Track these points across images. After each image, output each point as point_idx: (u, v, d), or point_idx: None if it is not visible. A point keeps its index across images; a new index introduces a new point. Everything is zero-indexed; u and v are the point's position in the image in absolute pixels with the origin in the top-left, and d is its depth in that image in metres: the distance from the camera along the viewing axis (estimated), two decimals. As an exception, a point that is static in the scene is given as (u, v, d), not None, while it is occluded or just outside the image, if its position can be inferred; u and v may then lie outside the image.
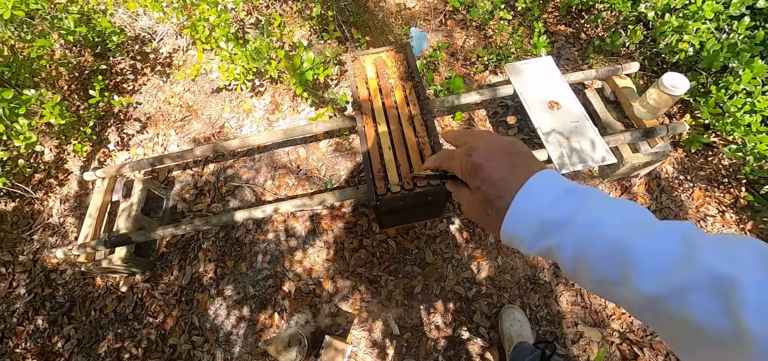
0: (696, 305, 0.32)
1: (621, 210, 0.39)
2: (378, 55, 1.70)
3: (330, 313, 1.74)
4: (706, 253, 0.33)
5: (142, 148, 2.25)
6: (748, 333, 0.29)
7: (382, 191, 1.38)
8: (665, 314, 0.34)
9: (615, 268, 0.37)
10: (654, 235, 0.36)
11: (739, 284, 0.30)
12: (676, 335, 0.35)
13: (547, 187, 0.42)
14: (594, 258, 0.38)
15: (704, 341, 0.32)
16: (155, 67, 2.49)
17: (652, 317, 0.36)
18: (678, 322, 0.34)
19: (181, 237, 1.98)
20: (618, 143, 1.72)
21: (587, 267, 0.38)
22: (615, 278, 0.37)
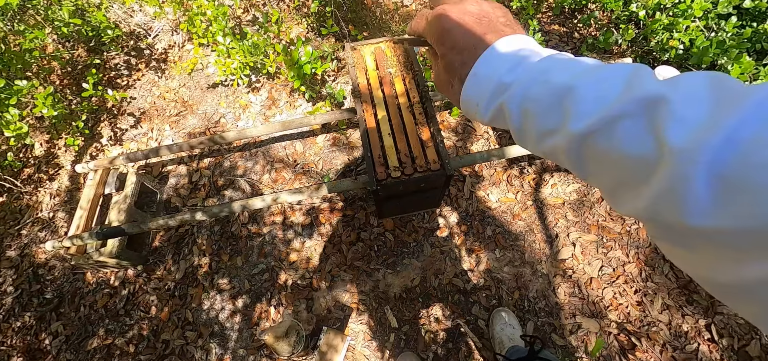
0: (622, 130, 0.30)
1: (577, 62, 0.36)
2: (377, 46, 1.70)
3: (327, 306, 1.71)
4: (646, 82, 0.30)
5: (136, 143, 2.21)
6: (667, 148, 0.26)
7: (383, 177, 1.37)
8: (593, 152, 0.32)
9: (556, 114, 0.34)
10: (600, 76, 0.33)
11: (669, 100, 0.28)
12: (604, 179, 0.33)
13: (511, 50, 0.39)
14: (539, 108, 0.36)
15: (627, 177, 0.30)
16: (150, 63, 2.47)
17: (583, 162, 0.34)
18: (603, 160, 0.32)
19: (175, 231, 1.94)
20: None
21: (532, 119, 0.36)
22: (554, 126, 0.35)
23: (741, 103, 0.25)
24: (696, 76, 0.29)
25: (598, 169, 0.33)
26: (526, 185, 1.91)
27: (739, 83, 0.28)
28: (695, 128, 0.26)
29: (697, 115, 0.26)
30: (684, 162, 0.25)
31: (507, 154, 1.68)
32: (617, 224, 1.79)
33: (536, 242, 1.79)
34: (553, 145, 0.35)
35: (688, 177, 0.25)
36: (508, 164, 1.96)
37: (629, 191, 0.30)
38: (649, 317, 1.62)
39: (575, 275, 1.71)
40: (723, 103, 0.26)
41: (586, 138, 0.32)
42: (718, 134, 0.24)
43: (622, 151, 0.30)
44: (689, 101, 0.27)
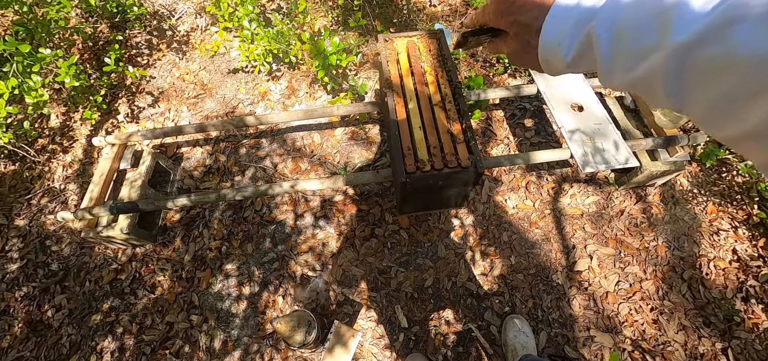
0: (741, 33, 0.26)
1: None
2: (411, 39, 1.67)
3: (336, 300, 1.67)
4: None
5: (152, 122, 2.18)
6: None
7: (412, 169, 1.33)
8: (699, 63, 0.29)
9: (654, 30, 0.33)
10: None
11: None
12: (706, 92, 0.30)
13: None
14: (633, 26, 0.34)
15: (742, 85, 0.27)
16: (171, 45, 2.44)
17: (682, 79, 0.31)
18: (713, 68, 0.29)
19: (186, 213, 1.90)
20: (638, 149, 1.70)
21: (626, 40, 0.35)
22: (652, 43, 0.33)
23: None
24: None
25: (701, 85, 0.30)
26: (545, 194, 1.86)
27: None
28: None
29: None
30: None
31: (532, 159, 1.64)
32: (636, 239, 1.74)
33: (553, 251, 1.74)
34: (649, 68, 0.33)
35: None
36: (527, 170, 1.92)
37: (741, 105, 0.28)
38: (664, 337, 1.57)
39: (591, 287, 1.66)
40: None
41: (691, 49, 0.30)
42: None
43: (739, 55, 0.27)
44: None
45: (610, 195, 1.86)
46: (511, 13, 0.46)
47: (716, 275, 1.65)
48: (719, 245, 1.72)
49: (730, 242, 1.72)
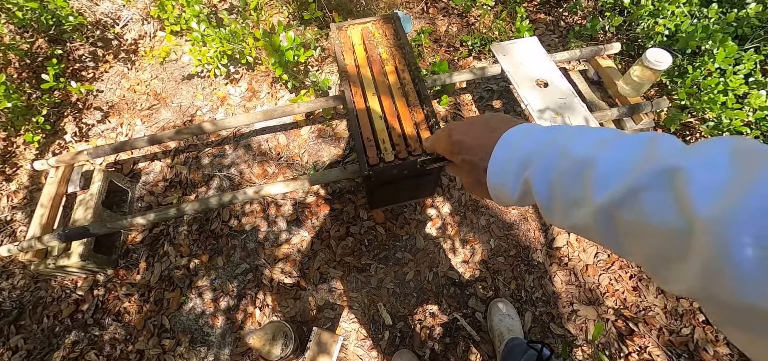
0: (647, 202, 0.29)
1: (594, 132, 0.37)
2: (365, 26, 1.57)
3: (316, 305, 1.57)
4: (663, 151, 0.30)
5: (104, 139, 2.01)
6: (697, 218, 0.25)
7: (375, 161, 1.24)
8: (624, 226, 0.31)
9: (578, 185, 0.34)
10: (619, 145, 0.33)
11: (687, 171, 0.27)
12: (640, 250, 0.31)
13: (525, 133, 0.42)
14: (563, 180, 0.36)
15: (664, 251, 0.28)
16: (119, 55, 2.25)
17: (615, 236, 0.33)
18: (636, 231, 0.30)
19: (149, 232, 1.75)
20: (605, 119, 1.67)
21: (557, 190, 0.37)
22: (578, 197, 0.34)
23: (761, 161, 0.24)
24: (714, 142, 0.28)
25: (632, 244, 0.32)
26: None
27: (759, 144, 0.27)
28: (723, 193, 0.24)
29: (721, 180, 0.25)
30: (721, 231, 0.23)
31: (500, 140, 1.58)
32: (612, 209, 1.72)
33: (531, 230, 1.70)
34: (582, 218, 0.35)
35: (729, 246, 0.23)
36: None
37: (671, 267, 0.28)
38: (645, 302, 1.55)
39: (571, 262, 1.63)
40: (747, 165, 0.25)
41: (611, 210, 0.31)
42: (753, 197, 0.23)
43: (651, 224, 0.28)
44: (709, 167, 0.26)
45: (583, 168, 1.83)
46: (459, 152, 0.50)
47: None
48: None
49: (701, 203, 1.72)
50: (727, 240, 0.23)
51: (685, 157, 0.28)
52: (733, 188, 0.24)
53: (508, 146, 0.42)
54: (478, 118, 0.50)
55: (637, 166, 0.30)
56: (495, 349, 1.43)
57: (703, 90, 1.76)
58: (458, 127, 0.51)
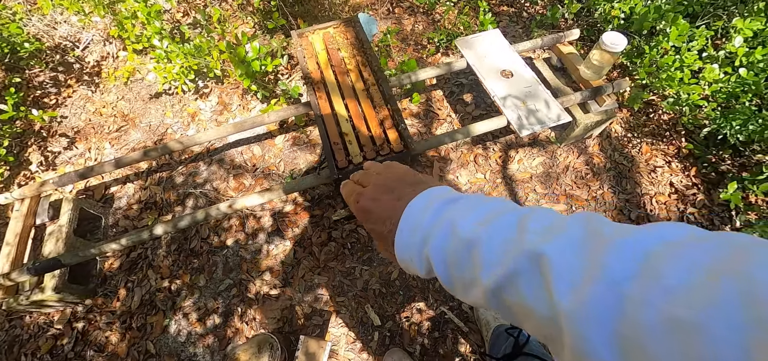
0: (523, 286, 0.30)
1: (479, 208, 0.37)
2: (326, 30, 1.56)
3: (304, 314, 1.55)
4: (529, 235, 0.31)
5: (72, 166, 1.93)
6: (559, 308, 0.26)
7: (343, 164, 1.24)
8: (513, 307, 0.32)
9: (469, 266, 0.34)
10: (496, 226, 0.34)
11: (548, 258, 0.28)
12: (531, 328, 0.32)
13: (426, 204, 0.41)
14: (456, 261, 0.36)
15: (545, 332, 0.29)
16: (81, 78, 2.16)
17: (509, 314, 0.33)
18: (520, 312, 0.31)
19: (126, 256, 1.69)
20: (570, 104, 1.70)
21: (454, 271, 0.36)
22: (471, 278, 0.34)
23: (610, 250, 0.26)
24: (571, 223, 0.30)
25: (522, 322, 0.32)
26: (494, 164, 1.84)
27: (609, 224, 0.29)
28: (575, 284, 0.26)
29: (574, 269, 0.27)
30: (577, 323, 0.25)
31: (472, 132, 1.60)
32: (584, 190, 1.76)
33: (509, 218, 1.72)
34: (478, 296, 0.34)
35: (586, 339, 0.24)
36: (474, 143, 1.89)
37: (555, 345, 0.29)
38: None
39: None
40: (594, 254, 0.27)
41: (498, 291, 0.32)
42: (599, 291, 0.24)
43: (530, 307, 0.29)
44: (565, 255, 0.28)
45: (554, 154, 1.86)
46: (366, 222, 0.47)
47: (659, 209, 1.70)
48: (657, 180, 1.77)
49: (667, 177, 1.78)
50: (583, 333, 0.25)
51: (548, 240, 0.29)
52: (583, 278, 0.26)
53: (412, 218, 0.41)
54: (388, 179, 0.47)
55: (513, 248, 0.31)
56: (483, 337, 1.45)
57: (661, 68, 1.82)
58: (366, 193, 0.47)
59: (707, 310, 0.20)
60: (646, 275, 0.24)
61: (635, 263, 0.25)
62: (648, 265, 0.24)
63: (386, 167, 0.50)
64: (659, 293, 0.23)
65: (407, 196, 0.43)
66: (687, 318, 0.21)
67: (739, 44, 1.70)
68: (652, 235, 0.26)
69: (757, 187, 1.53)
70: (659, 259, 0.24)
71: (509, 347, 1.19)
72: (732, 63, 1.75)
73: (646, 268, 0.24)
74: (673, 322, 0.21)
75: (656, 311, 0.22)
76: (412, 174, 0.49)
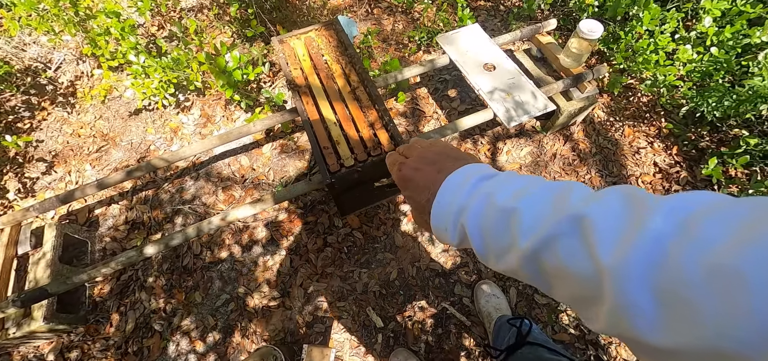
0: (563, 249, 0.31)
1: (515, 181, 0.39)
2: (307, 35, 1.54)
3: (305, 322, 1.52)
4: (571, 200, 0.32)
5: (53, 191, 1.84)
6: (601, 265, 0.27)
7: (335, 168, 1.22)
8: (549, 270, 0.33)
9: (506, 233, 0.36)
10: (535, 195, 0.35)
11: (591, 219, 0.29)
12: (566, 292, 0.33)
13: (463, 178, 0.42)
14: (491, 227, 0.37)
15: (583, 294, 0.30)
16: (56, 100, 2.07)
17: (544, 278, 0.34)
18: (560, 275, 0.32)
19: (116, 280, 1.63)
20: (553, 93, 1.72)
21: (489, 238, 0.38)
22: (507, 244, 0.36)
23: (650, 214, 0.27)
24: (611, 191, 0.32)
25: (558, 286, 0.33)
26: (484, 157, 1.85)
27: (648, 195, 0.30)
28: (618, 243, 0.27)
29: (617, 228, 0.28)
30: (620, 278, 0.26)
31: (460, 126, 1.60)
32: (572, 176, 1.78)
33: (501, 209, 1.72)
34: (512, 262, 0.36)
35: (628, 292, 0.25)
36: (462, 138, 1.89)
37: (590, 308, 0.31)
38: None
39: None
40: (635, 213, 0.28)
41: (536, 255, 0.33)
42: (641, 245, 0.25)
43: (568, 269, 0.31)
44: (608, 216, 0.29)
45: (541, 142, 1.88)
46: (405, 189, 0.50)
47: (646, 189, 1.74)
48: (642, 161, 1.81)
49: (650, 157, 1.82)
50: (625, 288, 0.26)
51: (590, 205, 0.30)
52: (625, 236, 0.27)
53: (450, 191, 0.43)
54: (431, 153, 0.50)
55: (553, 213, 0.32)
56: (486, 330, 1.45)
57: (637, 52, 1.86)
58: (409, 163, 0.50)
59: (747, 258, 0.21)
60: (687, 231, 0.25)
61: (676, 220, 0.26)
62: (688, 222, 0.25)
63: (431, 143, 0.53)
64: (700, 245, 0.23)
65: (447, 169, 0.45)
66: (727, 266, 0.21)
67: (708, 24, 1.75)
68: (690, 198, 0.27)
69: (736, 160, 1.58)
70: (699, 216, 0.25)
71: (513, 337, 1.20)
72: (703, 43, 1.80)
73: (687, 224, 0.25)
74: (713, 270, 0.22)
75: (697, 262, 0.23)
76: (454, 149, 0.51)
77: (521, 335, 1.08)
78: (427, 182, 0.46)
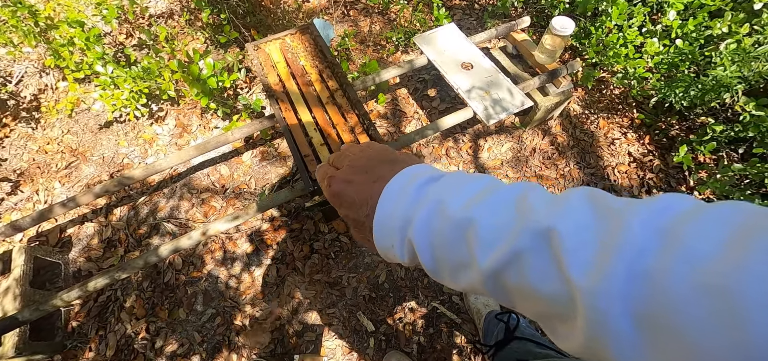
0: (529, 266, 0.28)
1: (466, 185, 0.34)
2: (282, 40, 1.49)
3: (295, 332, 1.48)
4: (534, 211, 0.29)
5: (20, 212, 1.72)
6: (574, 286, 0.25)
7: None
8: (512, 289, 0.30)
9: (461, 249, 0.32)
10: (492, 203, 0.31)
11: (560, 233, 0.26)
12: (531, 310, 0.30)
13: (406, 183, 0.37)
14: (444, 242, 0.33)
15: (552, 312, 0.28)
16: (18, 115, 1.94)
17: (507, 297, 0.31)
18: (524, 294, 0.29)
19: (94, 301, 1.54)
20: (529, 89, 1.73)
21: (443, 256, 0.33)
22: (464, 259, 0.32)
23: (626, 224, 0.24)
24: (576, 197, 0.28)
25: (522, 303, 0.30)
26: (465, 155, 1.84)
27: (615, 199, 0.28)
28: (593, 260, 0.24)
29: (589, 244, 0.25)
30: (595, 300, 0.23)
31: (441, 126, 1.58)
32: (552, 170, 1.80)
33: (485, 205, 1.73)
34: (470, 281, 0.32)
35: (606, 316, 0.23)
36: (443, 137, 1.88)
37: (560, 327, 0.28)
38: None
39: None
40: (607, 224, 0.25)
41: (498, 274, 0.29)
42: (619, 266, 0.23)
43: (535, 288, 0.28)
44: (578, 229, 0.26)
45: (521, 138, 1.89)
46: (339, 207, 0.43)
47: (622, 178, 1.78)
48: (617, 152, 1.85)
49: (625, 147, 1.86)
50: (602, 310, 0.23)
51: (556, 215, 0.27)
52: (600, 253, 0.24)
53: (391, 201, 0.37)
54: (362, 159, 0.43)
55: (515, 225, 0.29)
56: (476, 326, 1.45)
57: (607, 46, 1.89)
58: (338, 176, 0.43)
59: (738, 274, 0.19)
60: (668, 246, 0.22)
61: (654, 234, 0.23)
62: (668, 235, 0.23)
63: (362, 148, 0.45)
64: (684, 262, 0.21)
65: (384, 176, 0.39)
66: (717, 284, 0.19)
67: (672, 17, 1.79)
68: (664, 203, 0.25)
69: (704, 147, 1.63)
70: (679, 228, 0.23)
71: (501, 332, 1.20)
72: (669, 35, 1.85)
73: (667, 238, 0.23)
74: (702, 289, 0.20)
75: (683, 281, 0.21)
76: (389, 152, 0.44)
77: (509, 329, 1.07)
78: (363, 195, 0.40)
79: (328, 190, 0.43)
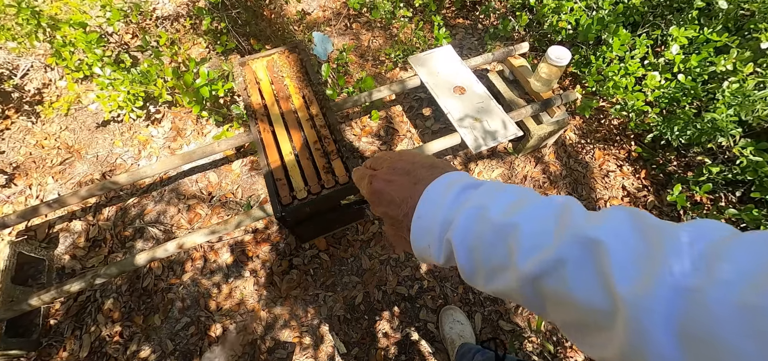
0: (571, 276, 0.28)
1: (506, 194, 0.35)
2: (270, 57, 1.47)
3: (266, 348, 1.44)
4: (577, 221, 0.29)
5: (12, 205, 1.73)
6: (619, 298, 0.25)
7: (288, 201, 1.15)
8: (549, 295, 0.30)
9: (502, 251, 0.32)
10: (533, 211, 0.32)
11: (606, 245, 0.26)
12: (564, 318, 0.30)
13: (445, 188, 0.38)
14: (484, 244, 0.33)
15: (588, 321, 0.28)
16: (21, 108, 1.96)
17: (540, 302, 0.31)
18: (561, 301, 0.29)
19: (74, 301, 1.53)
20: (522, 117, 1.68)
21: (479, 254, 0.34)
22: (503, 262, 0.32)
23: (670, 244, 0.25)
24: (620, 213, 0.29)
25: (556, 310, 0.30)
26: (454, 178, 1.79)
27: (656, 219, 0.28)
28: (639, 276, 0.25)
29: (634, 259, 0.26)
30: (640, 314, 0.24)
31: (428, 150, 1.54)
32: (541, 200, 1.74)
33: (471, 232, 1.67)
34: (506, 284, 0.32)
35: (648, 331, 0.23)
36: (433, 160, 1.83)
37: (595, 336, 0.28)
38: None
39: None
40: (650, 243, 0.26)
41: (537, 279, 0.30)
42: (664, 283, 0.23)
43: (576, 298, 0.28)
44: (626, 245, 0.26)
45: (513, 164, 1.83)
46: (378, 205, 0.43)
47: (612, 215, 1.70)
48: (611, 184, 1.78)
49: (619, 180, 1.79)
50: (645, 325, 0.23)
51: (600, 229, 0.27)
52: (646, 270, 0.24)
53: (432, 203, 0.37)
54: (402, 162, 0.43)
55: (558, 234, 0.29)
56: (449, 356, 1.39)
57: (607, 77, 1.82)
58: (379, 174, 0.44)
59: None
60: (711, 266, 0.23)
61: (698, 254, 0.24)
62: (710, 257, 0.23)
63: (401, 152, 0.47)
64: (726, 282, 0.22)
65: (424, 179, 0.40)
66: (759, 304, 0.20)
67: (675, 52, 1.72)
68: (705, 229, 0.26)
69: (700, 187, 1.55)
70: (721, 251, 0.23)
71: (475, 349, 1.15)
72: (671, 69, 1.77)
73: (710, 259, 0.23)
74: (743, 309, 0.20)
75: (725, 300, 0.21)
76: (429, 158, 0.44)
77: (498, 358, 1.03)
78: (403, 194, 0.41)
79: (368, 187, 0.44)
